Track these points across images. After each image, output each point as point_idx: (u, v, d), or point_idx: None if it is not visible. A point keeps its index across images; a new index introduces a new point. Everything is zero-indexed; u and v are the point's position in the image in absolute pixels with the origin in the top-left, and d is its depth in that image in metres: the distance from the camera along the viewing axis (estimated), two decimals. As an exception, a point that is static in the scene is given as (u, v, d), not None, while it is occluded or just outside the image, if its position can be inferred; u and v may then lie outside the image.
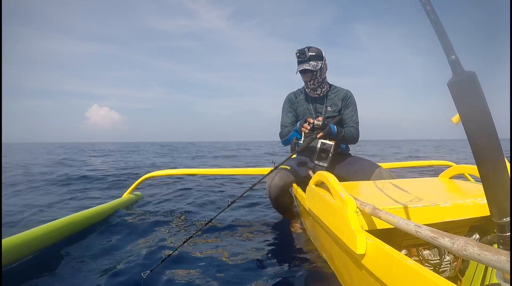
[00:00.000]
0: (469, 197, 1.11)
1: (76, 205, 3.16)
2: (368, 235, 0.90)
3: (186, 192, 3.78)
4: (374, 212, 0.91)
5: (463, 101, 0.59)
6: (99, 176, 5.47)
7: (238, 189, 4.06)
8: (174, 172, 3.12)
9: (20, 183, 4.61)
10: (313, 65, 1.96)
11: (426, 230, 0.66)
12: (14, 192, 3.86)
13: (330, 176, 1.26)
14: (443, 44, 0.60)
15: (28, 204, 3.15)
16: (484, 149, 0.58)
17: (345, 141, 2.08)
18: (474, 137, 0.59)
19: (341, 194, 1.08)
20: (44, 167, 7.33)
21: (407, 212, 1.03)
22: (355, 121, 2.10)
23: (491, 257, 0.49)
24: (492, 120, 0.58)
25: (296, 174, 2.03)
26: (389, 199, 1.16)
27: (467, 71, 0.59)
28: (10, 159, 10.46)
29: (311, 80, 2.04)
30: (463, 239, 0.56)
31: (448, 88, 0.61)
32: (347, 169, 2.02)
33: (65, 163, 8.89)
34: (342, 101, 2.12)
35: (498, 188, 0.57)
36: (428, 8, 0.62)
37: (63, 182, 4.79)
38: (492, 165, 0.58)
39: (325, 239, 1.38)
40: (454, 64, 0.59)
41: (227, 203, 1.64)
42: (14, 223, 2.41)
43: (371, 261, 0.86)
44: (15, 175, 5.63)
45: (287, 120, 2.19)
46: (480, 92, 0.58)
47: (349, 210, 1.00)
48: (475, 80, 0.58)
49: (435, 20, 0.61)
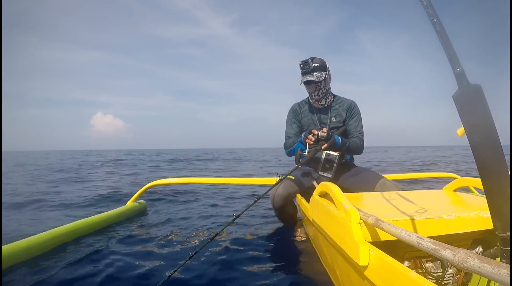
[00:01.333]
0: (472, 210, 1.10)
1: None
2: (371, 246, 0.90)
3: (190, 201, 3.77)
4: (376, 224, 0.91)
5: (468, 114, 0.59)
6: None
7: (242, 199, 4.04)
8: (177, 181, 3.10)
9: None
10: (317, 76, 1.96)
11: (428, 242, 0.66)
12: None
13: (334, 187, 1.26)
14: (449, 57, 0.60)
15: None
16: (488, 163, 0.58)
17: (350, 152, 2.07)
18: (479, 150, 0.59)
19: (344, 206, 1.08)
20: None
21: (410, 224, 1.02)
22: (360, 132, 2.09)
23: (491, 269, 0.49)
24: (496, 134, 0.58)
25: (300, 185, 2.02)
26: (393, 210, 1.15)
27: (472, 84, 0.59)
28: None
29: (315, 91, 2.03)
30: (464, 251, 0.56)
31: (453, 100, 0.61)
32: (351, 180, 2.01)
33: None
34: (346, 111, 2.11)
35: (502, 201, 0.57)
36: (434, 20, 0.62)
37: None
38: (496, 179, 0.57)
39: (328, 249, 1.37)
40: (460, 77, 0.59)
41: (231, 213, 1.63)
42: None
43: (373, 272, 0.86)
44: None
45: (291, 131, 2.19)
46: (485, 105, 0.58)
47: (353, 222, 1.00)
48: (481, 93, 0.58)
49: (441, 32, 0.61)
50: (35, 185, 5.68)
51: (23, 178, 7.09)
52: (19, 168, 9.03)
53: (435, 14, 0.62)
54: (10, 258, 1.54)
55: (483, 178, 0.59)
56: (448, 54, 0.60)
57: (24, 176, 7.63)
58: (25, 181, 6.49)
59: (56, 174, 8.02)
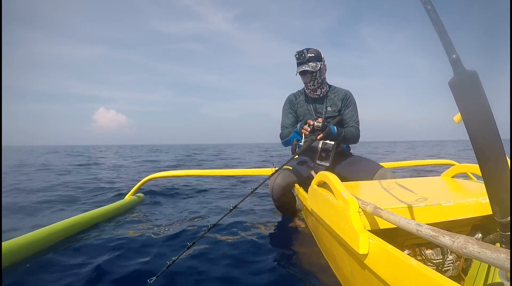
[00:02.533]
0: (471, 196, 1.10)
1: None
2: (370, 235, 0.90)
3: (188, 194, 3.78)
4: (375, 212, 0.91)
5: (464, 100, 0.59)
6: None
7: (241, 189, 4.06)
8: (176, 174, 3.12)
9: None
10: (312, 66, 1.98)
11: (427, 229, 0.66)
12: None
13: (332, 176, 1.26)
14: (444, 44, 0.60)
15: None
16: (485, 148, 0.58)
17: (346, 141, 2.08)
18: (476, 136, 0.59)
19: (343, 194, 1.08)
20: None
21: (409, 211, 1.03)
22: (356, 121, 2.11)
23: (491, 255, 0.49)
24: (493, 119, 0.57)
25: (298, 175, 2.04)
26: (391, 198, 1.16)
27: (468, 70, 0.58)
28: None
29: (310, 81, 2.05)
30: (463, 237, 0.56)
31: (449, 87, 0.61)
32: (349, 169, 2.02)
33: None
34: (342, 101, 2.13)
35: (500, 187, 0.57)
36: (429, 8, 0.62)
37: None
38: (494, 164, 0.57)
39: (327, 239, 1.38)
40: (455, 63, 0.59)
41: (229, 204, 1.63)
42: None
43: (373, 261, 0.86)
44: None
45: (287, 121, 2.20)
46: (482, 91, 0.58)
47: (352, 210, 1.00)
48: (476, 79, 0.58)
49: (435, 19, 0.61)
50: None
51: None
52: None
53: (429, 2, 0.62)
54: (9, 256, 1.55)
55: (481, 164, 0.59)
56: (443, 41, 0.60)
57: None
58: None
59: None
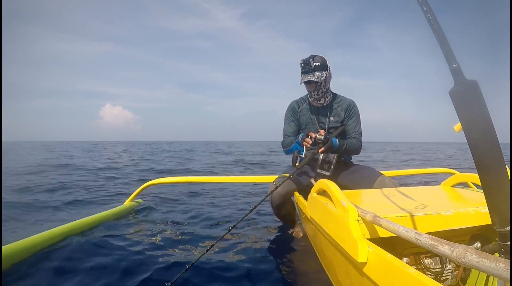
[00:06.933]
0: (471, 206, 1.10)
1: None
2: (369, 243, 0.90)
3: (190, 201, 3.76)
4: (374, 220, 0.91)
5: (464, 110, 0.59)
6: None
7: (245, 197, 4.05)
8: (177, 180, 3.09)
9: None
10: (318, 76, 1.92)
11: (426, 238, 0.66)
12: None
13: (332, 185, 1.25)
14: (445, 53, 0.60)
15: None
16: (485, 158, 0.58)
17: (347, 153, 2.06)
18: (476, 146, 0.59)
19: (342, 203, 1.08)
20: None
21: (408, 220, 1.02)
22: (358, 132, 2.08)
23: (490, 264, 0.49)
24: (493, 129, 0.58)
25: (298, 183, 2.02)
26: (391, 207, 1.16)
27: (468, 80, 0.59)
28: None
29: (315, 90, 2.01)
30: (462, 246, 0.56)
31: (450, 96, 0.61)
32: (349, 178, 2.01)
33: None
34: (345, 111, 2.09)
35: (500, 197, 0.57)
36: (430, 17, 0.62)
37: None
38: (493, 174, 0.58)
39: (326, 247, 1.38)
40: (456, 73, 0.59)
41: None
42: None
43: (372, 269, 0.86)
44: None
45: (289, 129, 2.18)
46: (482, 101, 0.58)
47: (351, 219, 0.99)
48: (477, 89, 0.58)
49: (436, 29, 0.62)
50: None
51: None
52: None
53: (431, 11, 0.62)
54: (9, 259, 1.54)
55: (481, 173, 0.59)
56: (444, 50, 0.61)
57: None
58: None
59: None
